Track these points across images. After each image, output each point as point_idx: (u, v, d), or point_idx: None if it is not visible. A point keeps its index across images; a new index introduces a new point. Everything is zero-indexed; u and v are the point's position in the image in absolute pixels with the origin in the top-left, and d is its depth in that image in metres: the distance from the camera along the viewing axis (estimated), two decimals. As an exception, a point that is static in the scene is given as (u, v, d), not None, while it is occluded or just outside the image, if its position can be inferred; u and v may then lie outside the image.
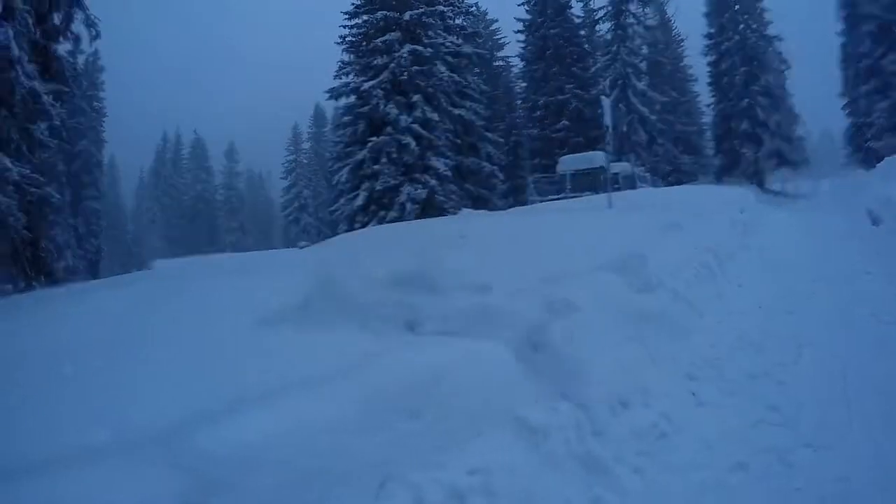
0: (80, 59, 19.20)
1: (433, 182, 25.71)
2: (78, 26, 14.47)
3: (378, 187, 25.18)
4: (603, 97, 16.29)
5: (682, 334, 5.68)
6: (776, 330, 6.12)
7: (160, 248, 64.00)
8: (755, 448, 3.84)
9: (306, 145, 65.03)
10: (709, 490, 3.49)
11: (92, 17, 14.63)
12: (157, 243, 65.30)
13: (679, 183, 36.58)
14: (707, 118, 47.09)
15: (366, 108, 25.86)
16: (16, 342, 4.63)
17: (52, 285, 12.92)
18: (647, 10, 40.72)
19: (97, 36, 14.92)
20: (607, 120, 13.77)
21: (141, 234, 70.02)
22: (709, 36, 42.82)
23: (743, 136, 39.34)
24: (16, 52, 11.71)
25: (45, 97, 12.64)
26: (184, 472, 2.53)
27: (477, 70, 33.47)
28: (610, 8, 38.78)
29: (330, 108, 54.27)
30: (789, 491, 3.38)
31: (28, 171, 12.46)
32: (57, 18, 14.21)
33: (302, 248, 26.30)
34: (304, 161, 63.34)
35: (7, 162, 11.70)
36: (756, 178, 39.59)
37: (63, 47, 14.75)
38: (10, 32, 11.68)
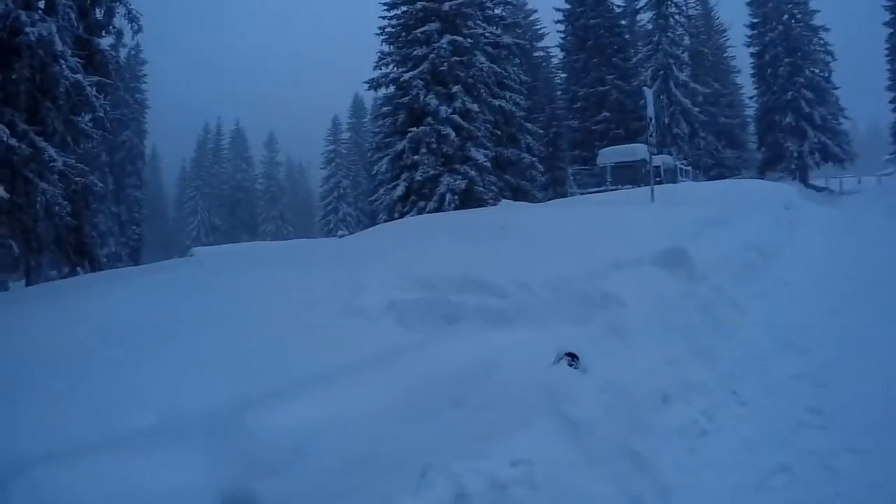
0: (123, 53, 19.58)
1: (473, 173, 25.66)
2: (120, 21, 14.90)
3: (418, 178, 25.21)
4: (645, 88, 16.09)
5: (726, 331, 5.62)
6: (820, 331, 5.98)
7: (200, 235, 64.99)
8: (797, 451, 3.77)
9: (345, 135, 65.37)
10: (749, 491, 3.43)
11: (133, 11, 14.98)
12: (197, 231, 66.29)
13: (721, 177, 36.05)
14: (750, 111, 46.34)
15: (406, 99, 25.89)
16: (61, 327, 4.76)
17: (95, 270, 13.25)
18: (690, -2, 40.13)
19: (139, 30, 15.28)
20: (649, 111, 13.59)
21: (182, 222, 71.18)
22: (752, 26, 42.02)
23: (787, 130, 38.55)
24: (59, 46, 12.00)
25: (88, 89, 12.96)
26: (232, 456, 2.59)
27: (517, 60, 33.22)
28: (651, -4, 38.28)
29: (369, 98, 54.69)
30: (830, 496, 3.31)
31: (72, 161, 12.81)
32: (99, 13, 14.59)
33: (340, 237, 26.50)
34: (344, 151, 63.68)
35: (52, 152, 12.04)
36: (799, 174, 38.82)
37: (105, 41, 15.17)
38: (54, 27, 11.97)
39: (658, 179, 19.42)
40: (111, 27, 14.83)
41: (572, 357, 4.10)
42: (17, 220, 12.04)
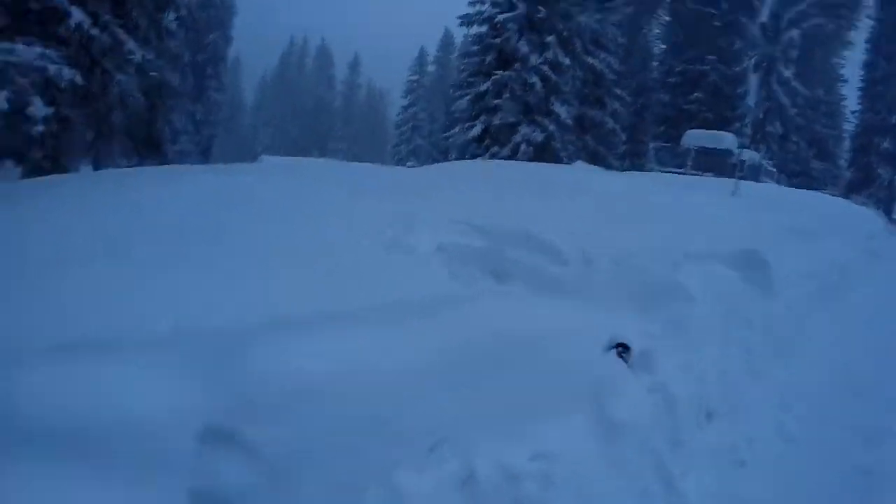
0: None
1: (552, 127, 24.95)
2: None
3: (496, 122, 24.65)
4: (752, 75, 15.14)
5: (788, 355, 5.20)
6: (889, 378, 5.43)
7: (273, 144, 65.58)
8: (838, 505, 3.40)
9: (431, 68, 64.76)
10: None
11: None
12: (270, 140, 66.86)
13: (806, 186, 34.44)
14: (849, 125, 43.94)
15: (497, 41, 25.15)
16: (110, 216, 4.52)
17: (162, 164, 13.39)
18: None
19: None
20: (751, 100, 12.81)
21: (256, 130, 71.91)
22: (870, 39, 39.45)
23: (882, 155, 36.49)
24: (145, -59, 12.02)
25: (173, -13, 13.03)
26: (224, 390, 2.33)
27: (618, 19, 31.82)
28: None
29: (459, 35, 53.54)
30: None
31: (151, 57, 12.98)
32: (190, -90, 14.53)
33: (409, 167, 26.33)
34: (426, 84, 63.15)
35: (132, 45, 12.24)
36: (884, 205, 36.87)
37: (195, -62, 15.15)
38: (141, -79, 11.94)
39: (741, 174, 18.53)
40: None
41: (624, 347, 3.77)
42: (92, 107, 12.20)
